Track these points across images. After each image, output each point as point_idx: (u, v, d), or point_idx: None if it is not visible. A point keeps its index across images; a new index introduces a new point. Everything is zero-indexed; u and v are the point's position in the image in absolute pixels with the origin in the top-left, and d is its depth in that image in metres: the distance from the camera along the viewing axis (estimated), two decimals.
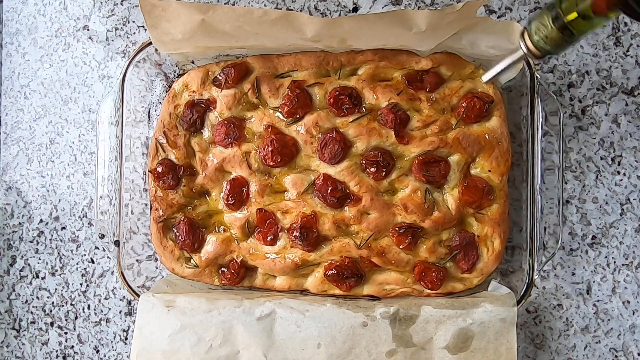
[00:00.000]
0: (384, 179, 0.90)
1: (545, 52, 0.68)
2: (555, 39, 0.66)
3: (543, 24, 0.66)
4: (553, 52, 0.68)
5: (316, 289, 0.93)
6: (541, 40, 0.67)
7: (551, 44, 0.67)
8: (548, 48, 0.67)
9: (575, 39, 0.66)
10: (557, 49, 0.67)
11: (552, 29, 0.65)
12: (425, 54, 0.89)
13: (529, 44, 0.69)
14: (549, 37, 0.66)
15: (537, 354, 0.97)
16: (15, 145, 1.05)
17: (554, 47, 0.67)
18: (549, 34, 0.66)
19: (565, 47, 0.67)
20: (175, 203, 0.93)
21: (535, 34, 0.67)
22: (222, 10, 0.82)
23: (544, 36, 0.66)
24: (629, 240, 0.96)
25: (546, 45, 0.67)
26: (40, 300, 1.03)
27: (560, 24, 0.65)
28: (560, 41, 0.66)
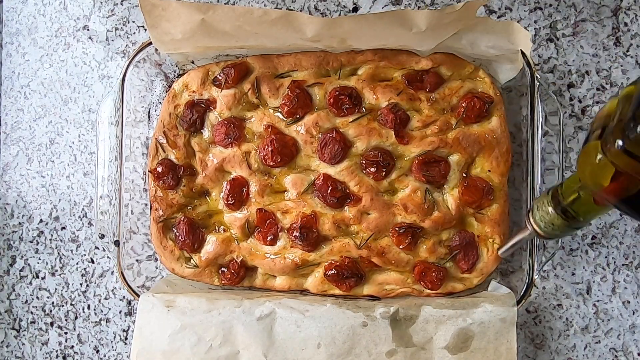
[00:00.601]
0: (384, 179, 0.90)
1: (553, 236, 0.69)
2: (559, 225, 0.67)
3: (546, 211, 0.67)
4: (556, 235, 0.69)
5: (316, 289, 0.93)
6: (547, 227, 0.68)
7: (558, 230, 0.68)
8: (557, 233, 0.68)
9: (579, 223, 0.66)
10: (562, 232, 0.68)
11: (555, 216, 0.66)
12: (425, 54, 0.89)
13: (536, 228, 0.69)
14: (554, 224, 0.67)
15: (537, 354, 0.97)
16: (15, 145, 1.05)
17: (557, 230, 0.68)
18: (553, 221, 0.67)
19: (573, 230, 0.68)
20: (175, 203, 0.93)
21: (541, 221, 0.68)
22: (222, 10, 0.82)
23: (549, 223, 0.67)
24: (629, 240, 0.96)
25: (554, 230, 0.68)
26: (40, 300, 1.03)
27: (562, 209, 0.65)
28: (565, 226, 0.67)
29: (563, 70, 0.97)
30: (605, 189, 0.59)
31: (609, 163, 0.56)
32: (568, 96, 0.97)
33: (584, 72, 0.97)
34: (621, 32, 0.96)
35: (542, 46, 0.97)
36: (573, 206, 0.65)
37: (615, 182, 0.57)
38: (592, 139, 0.59)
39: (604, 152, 0.56)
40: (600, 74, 0.96)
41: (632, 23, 0.96)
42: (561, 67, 0.97)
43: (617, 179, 0.57)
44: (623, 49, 0.96)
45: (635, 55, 0.96)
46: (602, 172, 0.58)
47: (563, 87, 0.97)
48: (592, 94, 0.96)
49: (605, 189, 0.59)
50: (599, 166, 0.58)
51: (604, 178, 0.58)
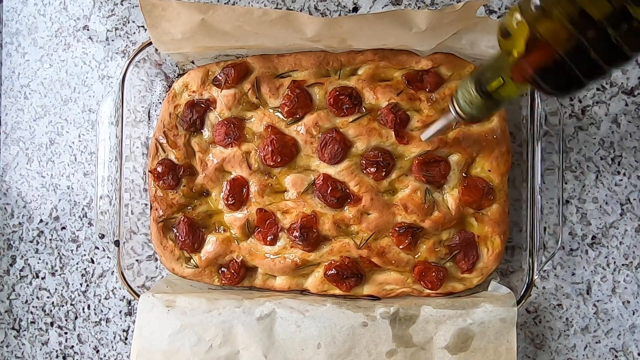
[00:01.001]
0: (384, 179, 0.90)
1: (472, 116, 0.72)
2: (479, 105, 0.70)
3: (468, 91, 0.69)
4: (479, 116, 0.72)
5: (316, 289, 0.93)
6: (467, 106, 0.71)
7: (476, 110, 0.71)
8: (474, 113, 0.71)
9: (498, 104, 0.70)
10: (482, 113, 0.71)
11: (475, 96, 0.69)
12: (425, 54, 0.89)
13: (457, 108, 0.72)
14: (473, 103, 0.70)
15: (537, 354, 0.97)
16: (15, 145, 1.05)
17: (478, 112, 0.71)
18: (473, 101, 0.70)
19: (490, 112, 0.72)
20: (175, 203, 0.93)
21: (462, 100, 0.71)
22: (222, 10, 0.82)
23: (469, 102, 0.70)
24: (629, 240, 0.96)
25: (472, 110, 0.71)
26: (40, 300, 1.03)
27: (484, 91, 0.68)
28: (484, 107, 0.70)
29: None
30: (522, 58, 0.60)
31: (525, 27, 0.58)
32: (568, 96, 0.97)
33: None
34: None
35: None
36: (492, 85, 0.67)
37: (532, 50, 0.59)
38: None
39: (522, 14, 0.58)
40: None
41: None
42: None
43: (533, 47, 0.59)
44: None
45: None
46: (520, 39, 0.59)
47: None
48: (592, 94, 0.96)
49: (523, 59, 0.60)
50: (518, 31, 0.59)
51: (521, 45, 0.59)
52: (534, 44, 0.58)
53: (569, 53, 0.57)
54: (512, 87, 0.66)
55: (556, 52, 0.57)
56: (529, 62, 0.60)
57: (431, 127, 0.80)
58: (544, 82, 0.61)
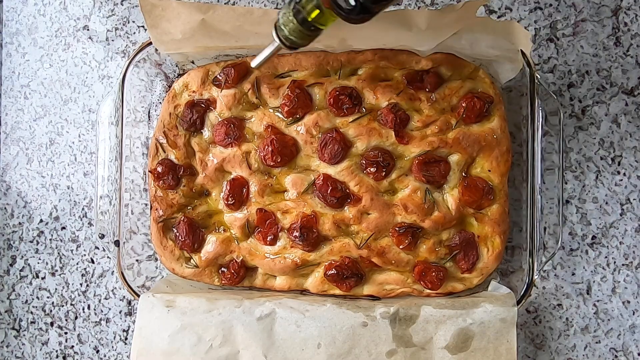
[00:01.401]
0: (384, 179, 0.90)
1: (294, 44, 0.73)
2: (300, 31, 0.71)
3: (289, 18, 0.70)
4: (301, 43, 0.73)
5: (316, 289, 0.93)
6: (286, 32, 0.72)
7: (298, 37, 0.71)
8: (295, 40, 0.72)
9: (318, 31, 0.71)
10: (304, 40, 0.72)
11: (296, 24, 0.70)
12: (425, 54, 0.89)
13: (280, 36, 0.73)
14: (295, 30, 0.71)
15: (537, 354, 0.97)
16: (15, 145, 1.05)
17: (300, 39, 0.72)
18: (295, 28, 0.70)
19: (312, 38, 0.72)
20: (175, 203, 0.93)
21: (284, 28, 0.71)
22: (222, 10, 0.82)
23: (291, 30, 0.71)
24: (629, 240, 0.96)
25: (293, 37, 0.72)
26: (40, 300, 1.03)
27: (302, 18, 0.69)
28: (305, 34, 0.71)
29: (563, 70, 0.97)
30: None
31: None
32: (568, 96, 0.97)
33: (584, 72, 0.97)
34: (621, 32, 0.96)
35: (542, 46, 0.97)
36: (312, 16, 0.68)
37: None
38: None
39: None
40: (600, 74, 0.96)
41: (632, 23, 0.96)
42: (561, 67, 0.97)
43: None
44: (623, 49, 0.96)
45: (635, 55, 0.96)
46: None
47: (563, 87, 0.97)
48: (592, 94, 0.96)
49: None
50: None
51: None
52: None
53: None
54: (327, 15, 0.67)
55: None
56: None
57: (260, 54, 0.80)
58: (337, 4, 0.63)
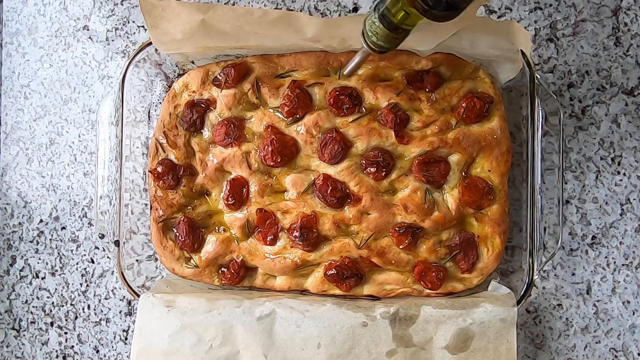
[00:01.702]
0: (384, 179, 0.90)
1: (381, 48, 0.73)
2: (387, 36, 0.71)
3: (375, 24, 0.70)
4: (390, 47, 0.73)
5: (316, 289, 0.93)
6: (374, 38, 0.72)
7: (386, 41, 0.72)
8: (383, 44, 0.72)
9: (406, 33, 0.71)
10: (392, 44, 0.72)
11: (383, 29, 0.70)
12: (425, 54, 0.89)
13: (368, 42, 0.73)
14: (382, 35, 0.71)
15: (537, 354, 0.97)
16: (15, 145, 1.05)
17: (388, 43, 0.72)
18: (381, 32, 0.70)
19: (399, 41, 0.72)
20: (175, 203, 0.93)
21: (370, 33, 0.71)
22: (222, 10, 0.82)
23: (379, 35, 0.71)
24: (629, 240, 0.96)
25: (382, 42, 0.72)
26: (40, 300, 1.03)
27: (388, 22, 0.69)
28: (392, 38, 0.71)
29: (563, 70, 0.97)
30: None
31: None
32: (568, 96, 0.97)
33: (584, 72, 0.97)
34: (621, 32, 0.96)
35: (542, 46, 0.97)
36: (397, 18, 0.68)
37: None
38: None
39: None
40: (600, 74, 0.96)
41: (632, 23, 0.96)
42: (561, 67, 0.97)
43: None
44: (623, 49, 0.96)
45: (635, 55, 0.96)
46: None
47: (563, 87, 0.97)
48: (592, 94, 0.96)
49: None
50: None
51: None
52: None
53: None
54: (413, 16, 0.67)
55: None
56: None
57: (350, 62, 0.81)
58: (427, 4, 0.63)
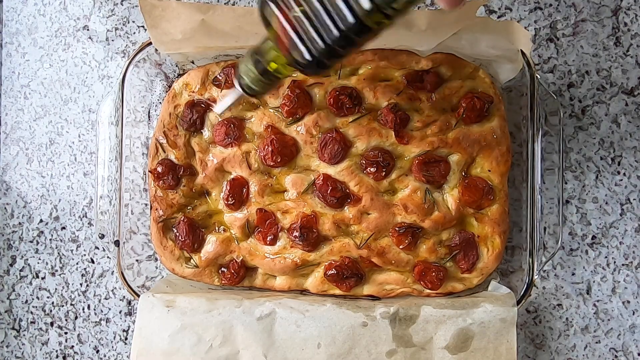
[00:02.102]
0: (384, 179, 0.90)
1: (254, 92, 0.73)
2: (260, 81, 0.71)
3: (249, 67, 0.70)
4: (262, 92, 0.73)
5: (316, 289, 0.93)
6: (249, 83, 0.72)
7: (258, 86, 0.72)
8: (256, 89, 0.72)
9: (277, 80, 0.71)
10: (264, 89, 0.73)
11: (256, 74, 0.70)
12: (425, 54, 0.89)
13: (242, 84, 0.73)
14: (255, 79, 0.71)
15: (537, 354, 0.97)
16: (15, 145, 1.05)
17: (261, 88, 0.72)
18: (255, 78, 0.71)
19: (272, 87, 0.73)
20: (175, 203, 0.93)
21: (244, 76, 0.71)
22: (222, 10, 0.82)
23: (252, 79, 0.71)
24: (629, 240, 0.96)
25: (254, 86, 0.72)
26: (40, 300, 1.03)
27: (262, 69, 0.69)
28: (265, 83, 0.71)
29: (563, 70, 0.97)
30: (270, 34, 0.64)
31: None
32: (568, 96, 0.97)
33: (584, 72, 0.97)
34: (621, 32, 0.96)
35: (542, 46, 0.97)
36: (271, 66, 0.69)
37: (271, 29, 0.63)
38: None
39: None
40: (600, 74, 0.96)
41: (632, 23, 0.96)
42: (561, 67, 0.97)
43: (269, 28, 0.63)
44: (623, 49, 0.96)
45: (635, 55, 0.96)
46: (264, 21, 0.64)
47: (563, 87, 0.97)
48: (592, 94, 0.96)
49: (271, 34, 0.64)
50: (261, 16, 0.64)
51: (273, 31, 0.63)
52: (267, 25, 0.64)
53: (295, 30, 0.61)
54: (285, 67, 0.68)
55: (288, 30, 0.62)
56: (275, 38, 0.64)
57: (222, 100, 0.80)
58: (294, 60, 0.64)
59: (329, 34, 0.59)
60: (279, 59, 0.67)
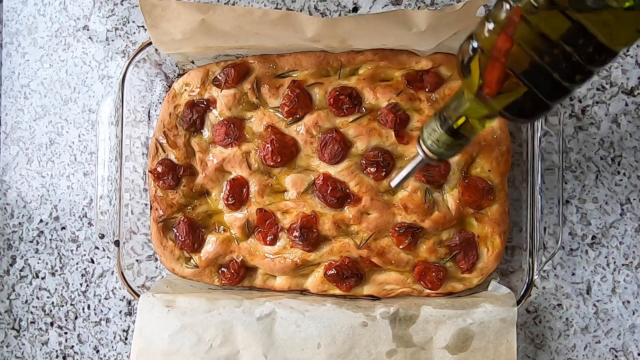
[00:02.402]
0: (384, 179, 0.90)
1: (440, 155, 0.69)
2: (446, 142, 0.67)
3: (433, 129, 0.67)
4: (448, 154, 0.69)
5: (316, 289, 0.93)
6: (434, 144, 0.68)
7: (444, 148, 0.67)
8: (442, 151, 0.68)
9: (466, 140, 0.67)
10: (452, 151, 0.68)
11: (442, 133, 0.66)
12: (425, 54, 0.89)
13: (424, 148, 0.69)
14: (440, 140, 0.67)
15: (537, 354, 0.97)
16: (15, 145, 1.05)
17: (447, 149, 0.68)
18: (439, 138, 0.67)
19: (459, 149, 0.68)
20: (175, 203, 0.93)
21: (428, 139, 0.68)
22: (222, 10, 0.82)
23: (435, 140, 0.67)
24: (629, 240, 0.96)
25: (439, 149, 0.68)
26: (40, 300, 1.03)
27: (449, 127, 0.66)
28: (452, 144, 0.67)
29: None
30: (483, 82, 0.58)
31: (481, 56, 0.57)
32: None
33: None
34: None
35: None
36: (458, 123, 0.65)
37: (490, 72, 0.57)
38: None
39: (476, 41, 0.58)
40: (600, 74, 0.96)
41: None
42: None
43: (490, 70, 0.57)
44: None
45: (635, 55, 0.96)
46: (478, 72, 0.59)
47: None
48: (592, 94, 0.96)
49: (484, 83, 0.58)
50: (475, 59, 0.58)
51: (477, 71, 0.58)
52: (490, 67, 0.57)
53: (532, 78, 0.55)
54: (478, 122, 0.65)
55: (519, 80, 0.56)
56: (490, 84, 0.58)
57: (400, 171, 0.76)
58: (510, 112, 0.59)
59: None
60: (476, 111, 0.62)
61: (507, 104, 0.59)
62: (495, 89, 0.58)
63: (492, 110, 0.61)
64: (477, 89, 0.59)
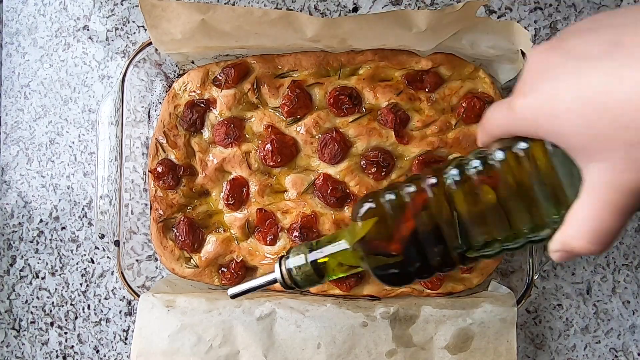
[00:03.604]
0: (384, 179, 0.90)
1: (295, 283, 0.67)
2: (307, 273, 0.66)
3: (299, 255, 0.66)
4: (301, 285, 0.67)
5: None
6: (295, 270, 0.66)
7: (301, 277, 0.67)
8: (298, 279, 0.67)
9: (323, 279, 0.67)
10: (306, 283, 0.67)
11: (307, 264, 0.66)
12: (425, 54, 0.89)
13: (283, 269, 0.67)
14: (301, 269, 0.66)
15: (537, 354, 0.97)
16: (15, 145, 1.05)
17: (302, 280, 0.67)
18: (303, 268, 0.66)
19: (313, 284, 0.68)
20: (175, 203, 0.93)
21: (292, 263, 0.67)
22: (222, 10, 0.82)
23: (297, 266, 0.66)
24: (629, 240, 0.96)
25: (297, 276, 0.67)
26: (40, 300, 1.03)
27: (315, 260, 0.65)
28: (310, 278, 0.66)
29: None
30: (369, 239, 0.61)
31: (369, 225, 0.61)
32: None
33: None
34: None
35: None
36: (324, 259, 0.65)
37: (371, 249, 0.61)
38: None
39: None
40: None
41: None
42: None
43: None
44: None
45: None
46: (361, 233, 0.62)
47: None
48: None
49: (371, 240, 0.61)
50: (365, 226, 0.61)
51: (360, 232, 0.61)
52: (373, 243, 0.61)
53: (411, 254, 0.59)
54: (343, 268, 0.66)
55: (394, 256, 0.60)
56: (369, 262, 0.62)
57: (247, 283, 0.71)
58: (377, 272, 0.62)
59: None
60: (347, 259, 0.64)
61: (378, 265, 0.61)
62: (378, 249, 0.61)
63: (362, 264, 0.64)
64: (358, 240, 0.62)
